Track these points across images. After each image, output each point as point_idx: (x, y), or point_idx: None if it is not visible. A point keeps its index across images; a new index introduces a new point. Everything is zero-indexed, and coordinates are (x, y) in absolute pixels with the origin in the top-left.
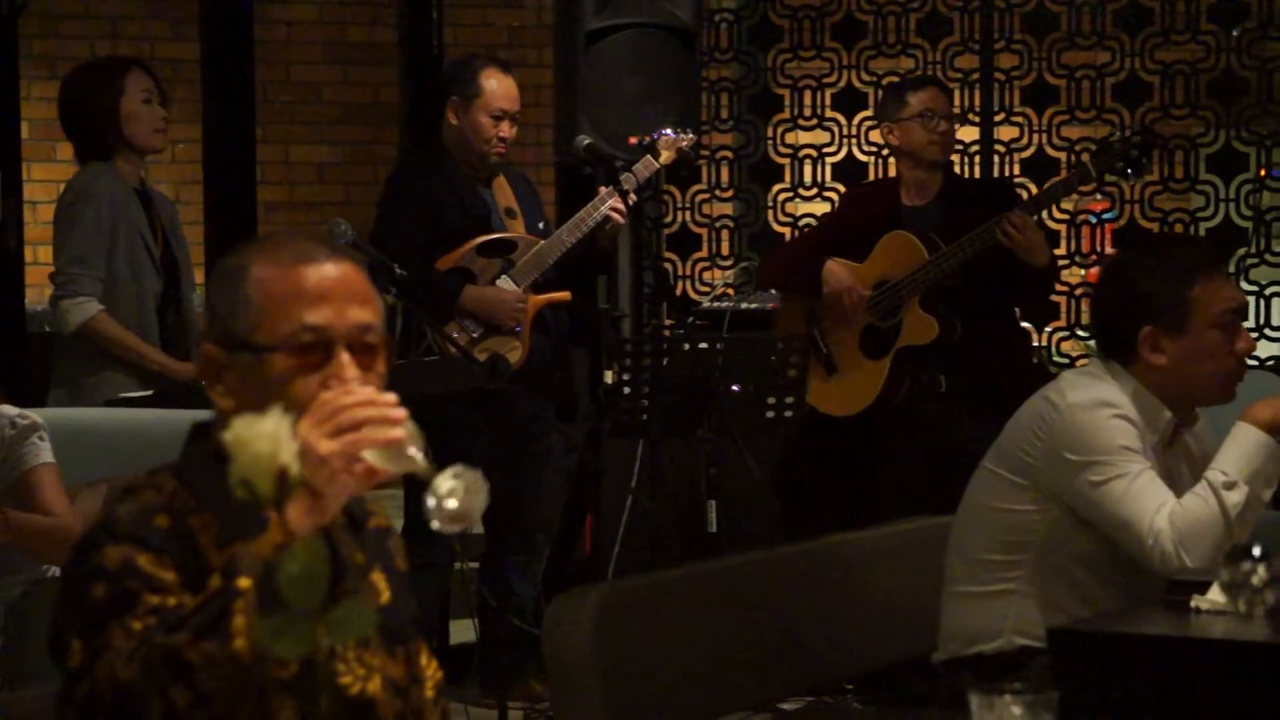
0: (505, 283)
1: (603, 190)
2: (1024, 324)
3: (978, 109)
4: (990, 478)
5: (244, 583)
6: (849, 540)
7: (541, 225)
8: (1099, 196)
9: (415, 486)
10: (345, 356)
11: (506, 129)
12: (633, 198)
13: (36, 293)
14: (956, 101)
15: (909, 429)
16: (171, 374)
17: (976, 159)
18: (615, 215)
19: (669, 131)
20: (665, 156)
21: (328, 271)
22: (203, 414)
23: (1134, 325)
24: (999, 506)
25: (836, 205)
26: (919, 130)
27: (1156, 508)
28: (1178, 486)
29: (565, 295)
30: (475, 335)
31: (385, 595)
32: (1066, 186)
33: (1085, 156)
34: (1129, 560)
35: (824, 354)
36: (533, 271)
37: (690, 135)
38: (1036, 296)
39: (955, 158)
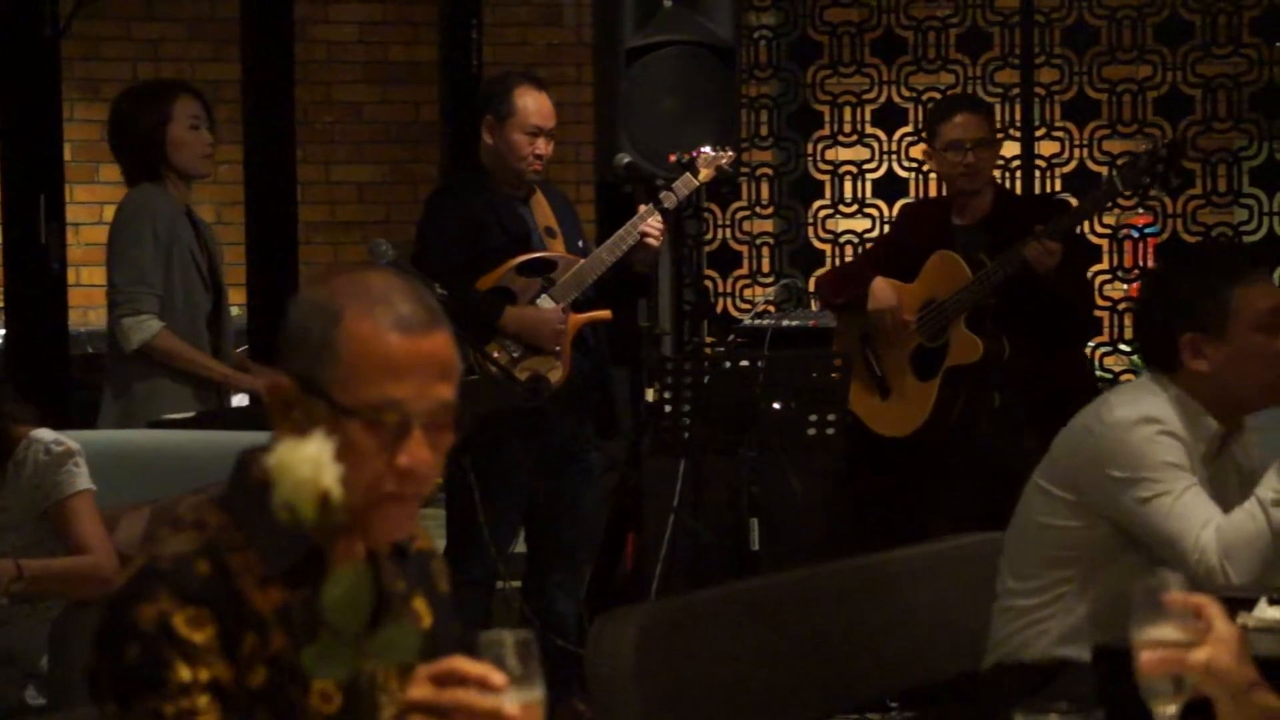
0: (545, 302)
1: (642, 209)
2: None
3: (1018, 124)
4: (1039, 492)
5: None
6: (893, 557)
7: (581, 244)
8: (1140, 211)
9: (456, 503)
10: (418, 435)
11: (542, 146)
12: (655, 217)
13: (79, 314)
14: (997, 116)
15: (964, 447)
16: (235, 385)
17: (1018, 174)
18: (650, 237)
19: (708, 149)
20: (705, 174)
21: (423, 346)
22: (247, 436)
23: (1175, 333)
24: (1046, 521)
25: (891, 225)
26: (949, 161)
27: (1202, 523)
28: (1225, 499)
29: (606, 314)
30: (516, 355)
31: (428, 619)
32: (1092, 206)
33: (1109, 172)
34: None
35: (878, 376)
36: (573, 290)
37: (730, 152)
38: (1060, 314)
39: (995, 173)
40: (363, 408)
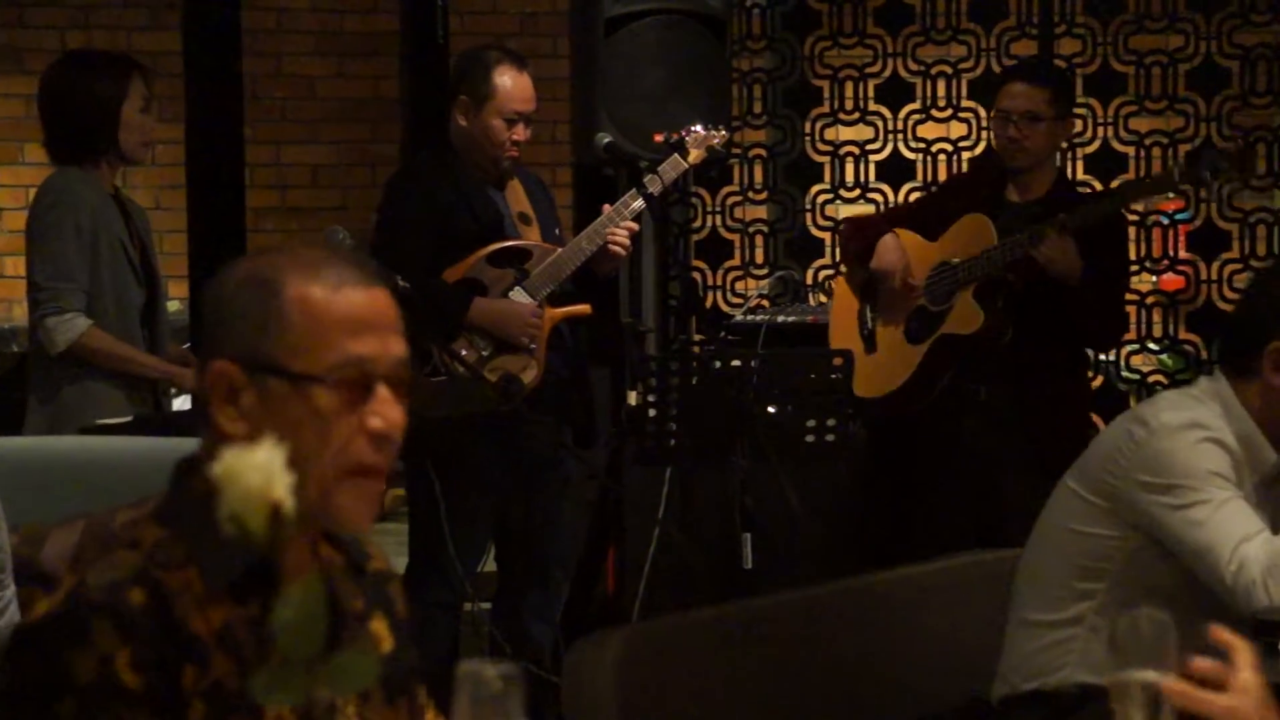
0: (519, 295)
1: (626, 197)
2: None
3: None
4: (1070, 497)
5: None
6: (898, 576)
7: (558, 232)
8: (1170, 196)
9: (420, 516)
10: (385, 392)
11: (521, 132)
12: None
13: (3, 309)
14: None
15: (943, 447)
16: (178, 382)
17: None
18: (616, 244)
19: (698, 128)
20: (694, 156)
21: (373, 298)
22: (187, 442)
23: (1261, 338)
24: (1077, 529)
25: (940, 185)
26: (997, 131)
27: (1243, 536)
28: (1276, 530)
29: (585, 308)
30: (485, 353)
31: (387, 643)
32: (1148, 189)
33: (1158, 154)
34: (1213, 599)
35: (868, 329)
36: (549, 283)
37: (722, 132)
38: (1080, 317)
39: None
40: (325, 371)
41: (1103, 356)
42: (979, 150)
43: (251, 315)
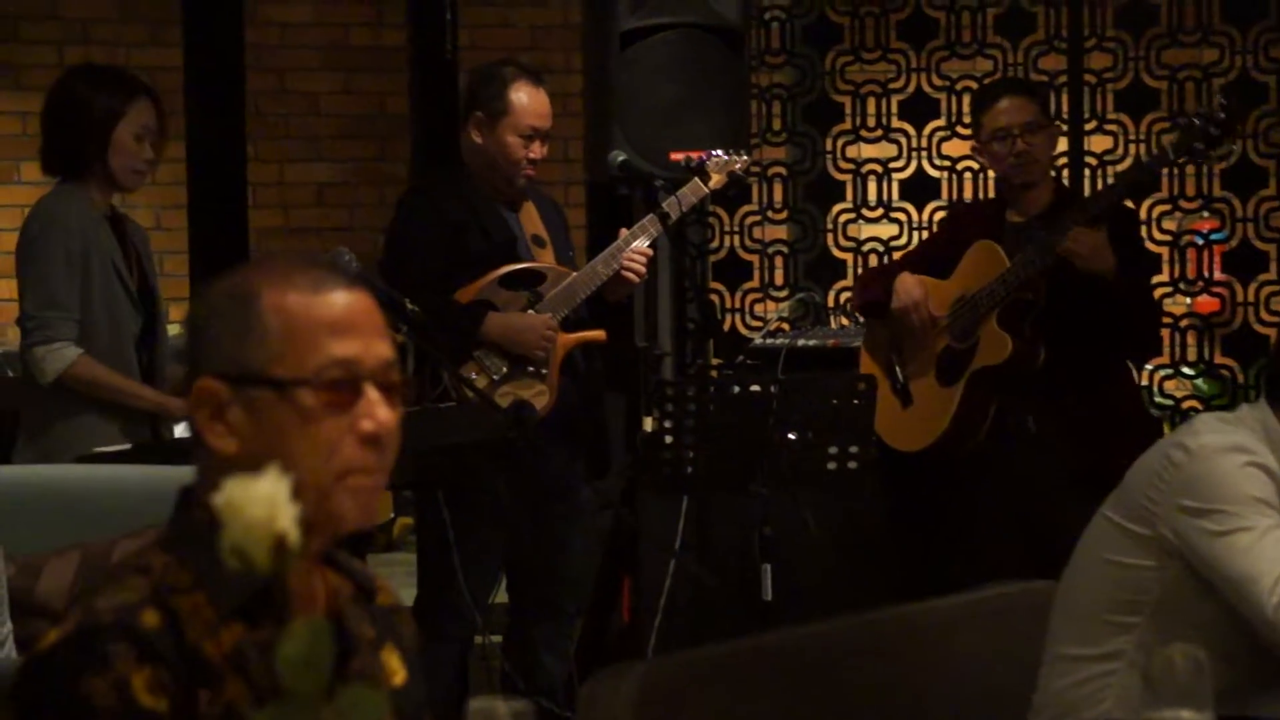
0: None
1: (644, 222)
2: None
3: (1066, 116)
4: (1108, 526)
5: None
6: (926, 608)
7: (571, 255)
8: (1206, 215)
9: (429, 547)
10: (374, 393)
11: (537, 149)
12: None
13: None
14: None
15: (993, 484)
16: (170, 413)
17: (1065, 172)
18: (631, 270)
19: (720, 152)
20: (716, 180)
21: (351, 300)
22: (185, 472)
23: None
24: (1115, 559)
25: (939, 224)
26: (997, 152)
27: None
28: None
29: (600, 334)
30: (496, 378)
31: (399, 675)
32: (1144, 171)
33: (1192, 171)
34: (1255, 635)
35: (900, 384)
36: (563, 306)
37: (744, 157)
38: (1122, 320)
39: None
40: (310, 374)
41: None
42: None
43: (230, 329)
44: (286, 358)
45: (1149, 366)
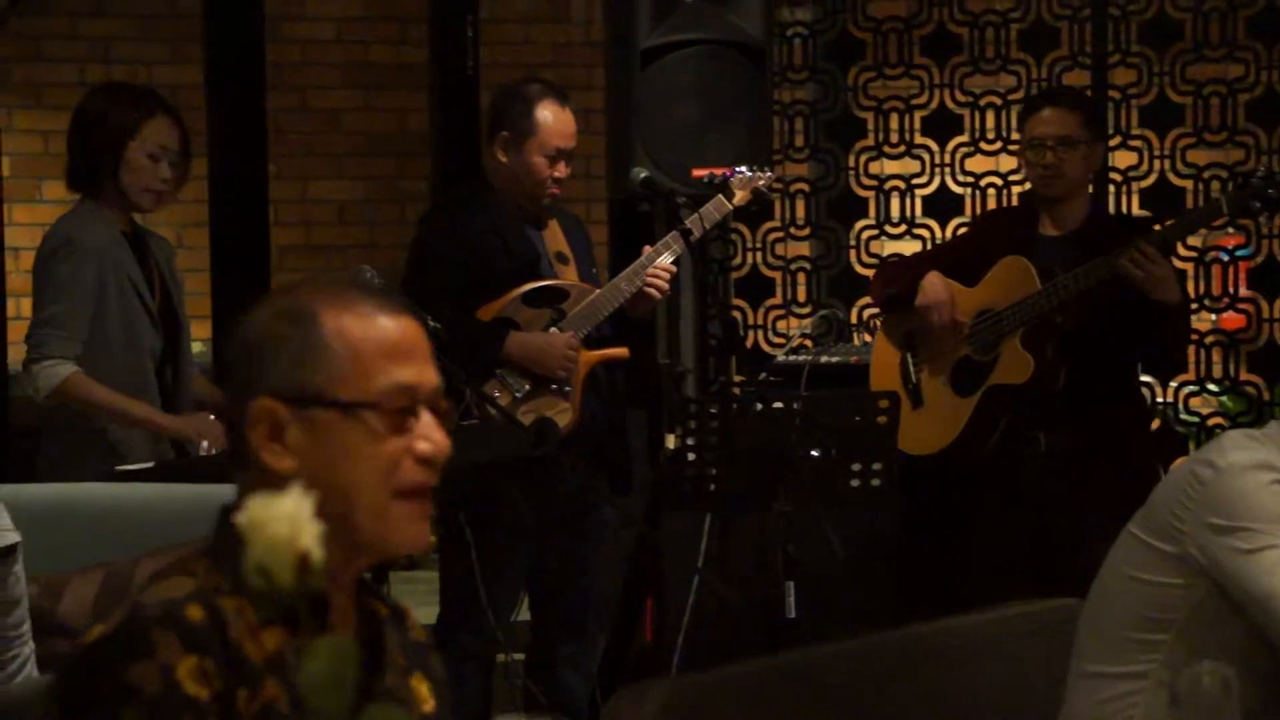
0: None
1: (668, 238)
2: (1146, 378)
3: None
4: (1134, 543)
5: None
6: (950, 626)
7: (594, 272)
8: (1231, 230)
9: (452, 565)
10: (428, 417)
11: (563, 169)
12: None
13: (20, 351)
14: None
15: (999, 500)
16: (161, 429)
17: (1089, 189)
18: (654, 287)
19: (744, 169)
20: (740, 197)
21: (408, 326)
22: (210, 491)
23: None
24: (1141, 577)
25: (968, 227)
26: (1030, 160)
27: None
28: None
29: (623, 352)
30: (519, 395)
31: (429, 705)
32: (1197, 220)
33: (1218, 192)
34: None
35: (913, 383)
36: (586, 324)
37: (768, 174)
38: (1166, 342)
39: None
40: (376, 397)
41: (1159, 399)
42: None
43: (290, 349)
44: (350, 381)
45: (1174, 384)
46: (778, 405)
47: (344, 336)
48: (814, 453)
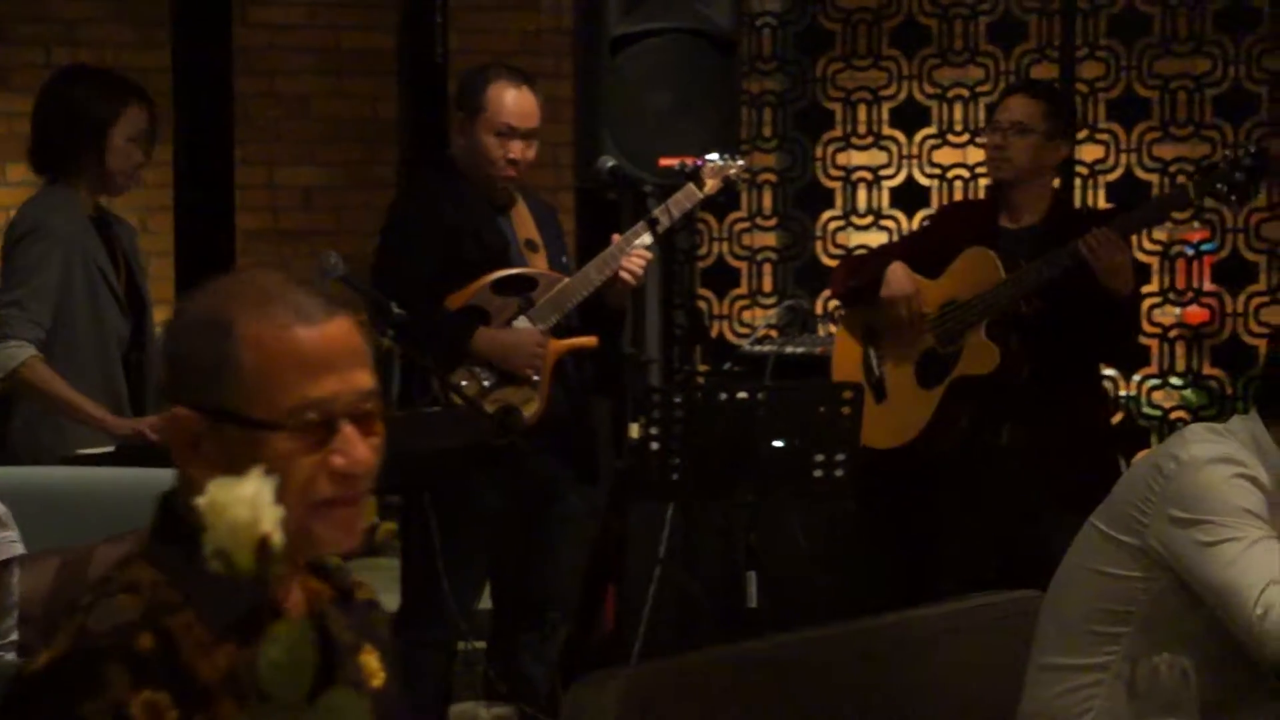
0: (523, 324)
1: (638, 228)
2: (1109, 371)
3: None
4: (1096, 536)
5: None
6: (909, 619)
7: (564, 260)
8: (1196, 225)
9: (414, 552)
10: (349, 430)
11: (518, 149)
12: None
13: None
14: None
15: (961, 494)
16: (110, 430)
17: (1055, 182)
18: (628, 272)
19: (715, 157)
20: (710, 186)
21: (330, 334)
22: (170, 474)
23: None
24: (1102, 570)
25: (929, 220)
26: (986, 141)
27: (1272, 578)
28: None
29: (591, 340)
30: (487, 384)
31: (378, 677)
32: (1161, 208)
33: (1183, 179)
34: (1240, 647)
35: (876, 377)
36: (555, 313)
37: (739, 163)
38: (1116, 332)
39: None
40: (283, 417)
41: (1123, 392)
42: None
43: (204, 361)
44: (260, 397)
45: (1137, 377)
46: (742, 395)
47: (254, 350)
48: (777, 443)
